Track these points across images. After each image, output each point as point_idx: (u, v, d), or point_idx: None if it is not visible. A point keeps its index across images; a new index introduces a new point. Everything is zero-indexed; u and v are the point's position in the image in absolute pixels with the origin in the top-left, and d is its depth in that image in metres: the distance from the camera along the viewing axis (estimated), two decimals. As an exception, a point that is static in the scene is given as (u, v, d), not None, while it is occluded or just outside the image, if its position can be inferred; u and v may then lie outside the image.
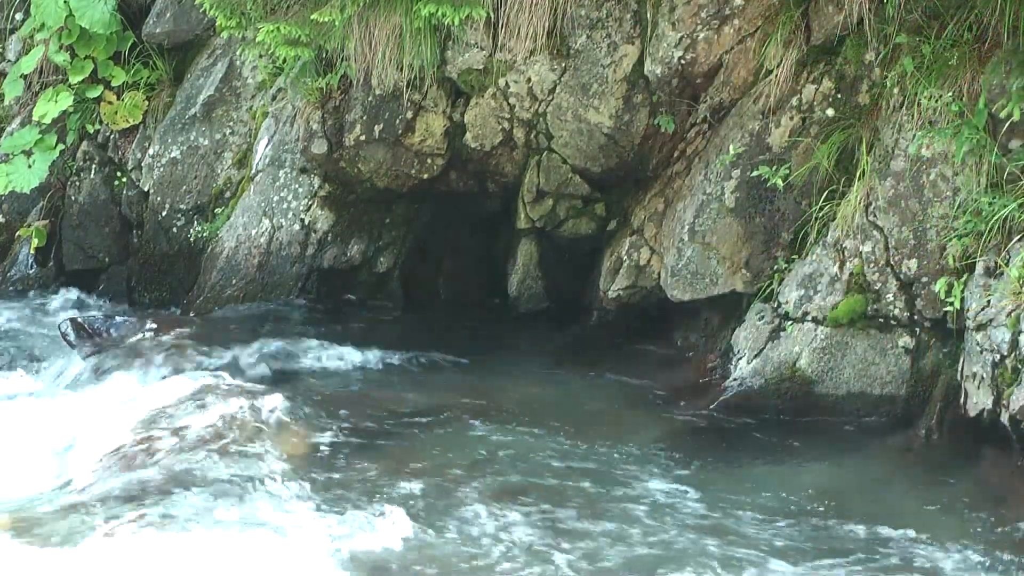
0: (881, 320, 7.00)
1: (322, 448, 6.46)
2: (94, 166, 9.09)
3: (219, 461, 6.20)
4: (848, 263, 7.04)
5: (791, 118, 7.34)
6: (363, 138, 8.04)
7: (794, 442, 6.83)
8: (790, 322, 7.13)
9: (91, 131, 9.08)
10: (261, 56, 8.37)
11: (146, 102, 9.01)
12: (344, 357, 7.72)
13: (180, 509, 5.71)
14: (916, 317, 6.96)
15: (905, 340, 6.97)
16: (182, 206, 8.77)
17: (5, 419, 6.93)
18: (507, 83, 7.85)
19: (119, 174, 9.03)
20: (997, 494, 6.25)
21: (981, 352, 6.41)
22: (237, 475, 6.08)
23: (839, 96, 7.28)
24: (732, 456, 6.71)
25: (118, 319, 8.20)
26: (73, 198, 9.08)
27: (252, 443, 6.39)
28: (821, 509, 6.10)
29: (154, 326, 7.95)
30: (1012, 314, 6.31)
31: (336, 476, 6.18)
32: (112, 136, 9.08)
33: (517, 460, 6.48)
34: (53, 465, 6.47)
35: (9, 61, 9.37)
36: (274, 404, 6.79)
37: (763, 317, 7.25)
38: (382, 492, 5.98)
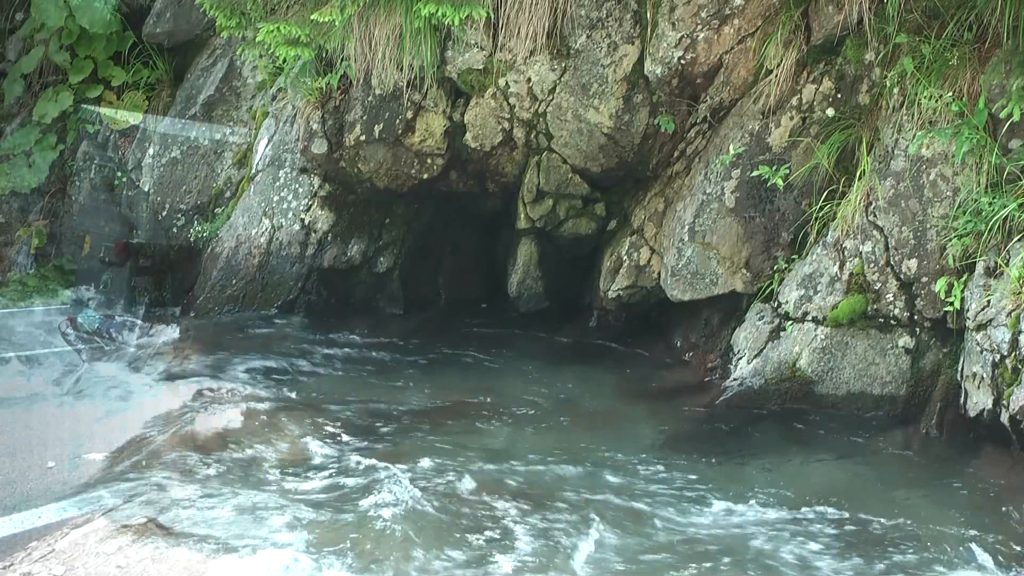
0: (881, 320, 7.00)
1: (321, 447, 6.46)
2: (94, 166, 9.09)
3: (218, 461, 6.21)
4: (848, 263, 7.04)
5: (791, 118, 7.34)
6: (363, 138, 8.04)
7: (794, 441, 6.83)
8: (790, 322, 7.13)
9: (91, 131, 9.09)
10: (261, 56, 8.38)
11: (146, 102, 9.02)
12: (343, 357, 7.73)
13: (179, 509, 5.72)
14: (916, 317, 6.96)
15: (905, 340, 6.97)
16: (182, 206, 8.78)
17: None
18: (507, 83, 7.85)
19: (119, 174, 9.03)
20: (997, 493, 6.25)
21: (981, 352, 6.42)
22: (236, 475, 6.09)
23: (839, 96, 7.29)
24: (732, 455, 6.71)
25: (118, 319, 8.22)
26: (73, 198, 9.08)
27: (250, 443, 6.40)
28: (821, 508, 6.10)
29: (153, 326, 7.97)
30: (1012, 314, 6.31)
31: (335, 475, 6.19)
32: (112, 136, 9.08)
33: (517, 459, 6.48)
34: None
35: (9, 61, 9.37)
36: (272, 404, 6.80)
37: (763, 317, 7.25)
38: (380, 492, 5.98)
